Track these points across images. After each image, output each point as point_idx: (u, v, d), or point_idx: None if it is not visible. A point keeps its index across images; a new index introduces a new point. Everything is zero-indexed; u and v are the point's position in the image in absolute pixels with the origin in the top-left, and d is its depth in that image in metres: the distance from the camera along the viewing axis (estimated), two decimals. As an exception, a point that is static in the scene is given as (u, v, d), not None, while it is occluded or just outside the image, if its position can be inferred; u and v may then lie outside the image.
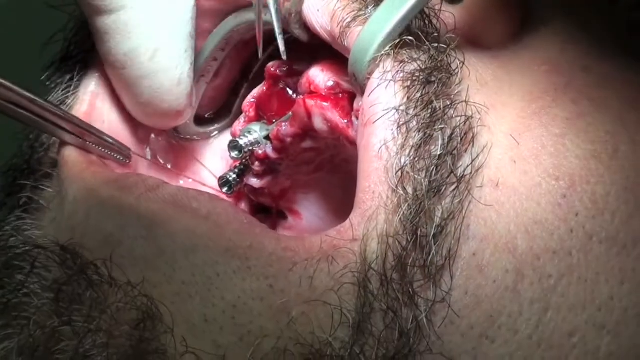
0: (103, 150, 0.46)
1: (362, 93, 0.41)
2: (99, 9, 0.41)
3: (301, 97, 0.47)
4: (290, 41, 0.50)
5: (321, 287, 0.37)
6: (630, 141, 0.41)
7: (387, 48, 0.41)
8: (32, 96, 0.41)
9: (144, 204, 0.41)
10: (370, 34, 0.41)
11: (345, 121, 0.45)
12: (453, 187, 0.38)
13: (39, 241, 0.42)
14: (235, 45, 0.51)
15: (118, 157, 0.47)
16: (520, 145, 0.40)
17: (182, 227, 0.39)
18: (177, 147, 0.54)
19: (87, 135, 0.45)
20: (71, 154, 0.44)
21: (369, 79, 0.41)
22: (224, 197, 0.51)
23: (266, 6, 0.46)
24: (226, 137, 0.54)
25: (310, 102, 0.46)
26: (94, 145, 0.45)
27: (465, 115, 0.39)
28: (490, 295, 0.37)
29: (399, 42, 0.40)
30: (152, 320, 0.37)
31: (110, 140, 0.46)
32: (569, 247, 0.39)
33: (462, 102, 0.40)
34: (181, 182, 0.53)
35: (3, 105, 0.40)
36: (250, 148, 0.49)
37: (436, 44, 0.41)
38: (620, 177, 0.40)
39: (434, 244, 0.37)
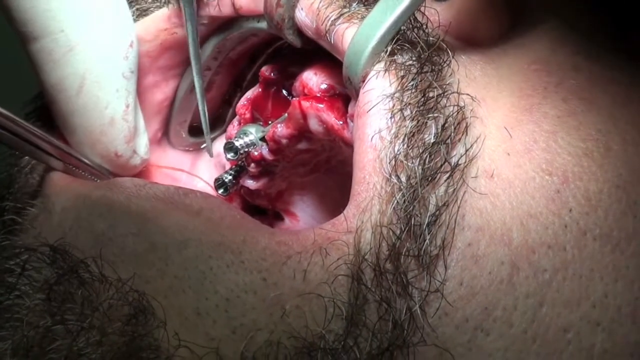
0: (84, 173, 0.45)
1: (357, 96, 0.42)
2: (27, 35, 0.40)
3: (296, 98, 0.47)
4: (284, 45, 0.51)
5: (315, 280, 0.37)
6: (621, 140, 0.41)
7: (381, 51, 0.41)
8: (17, 119, 0.40)
9: (135, 200, 0.41)
10: (363, 37, 0.41)
11: (341, 122, 0.45)
12: (447, 175, 0.38)
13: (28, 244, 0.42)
14: (227, 55, 0.51)
15: (94, 178, 0.46)
16: (513, 139, 0.40)
17: (174, 222, 0.40)
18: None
19: (67, 157, 0.44)
20: (57, 171, 0.44)
21: (363, 81, 0.41)
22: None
23: (261, 15, 0.46)
24: (220, 145, 0.54)
25: (305, 104, 0.46)
26: (74, 169, 0.44)
27: (458, 105, 0.39)
28: (485, 287, 0.37)
29: (391, 41, 0.41)
30: (144, 315, 0.37)
31: (89, 163, 0.45)
32: (564, 242, 0.38)
33: (454, 92, 0.40)
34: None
35: None
36: (246, 150, 0.49)
37: (426, 38, 0.41)
38: (613, 175, 0.40)
39: (428, 233, 0.37)
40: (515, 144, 0.40)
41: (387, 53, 0.40)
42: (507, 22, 0.44)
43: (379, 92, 0.40)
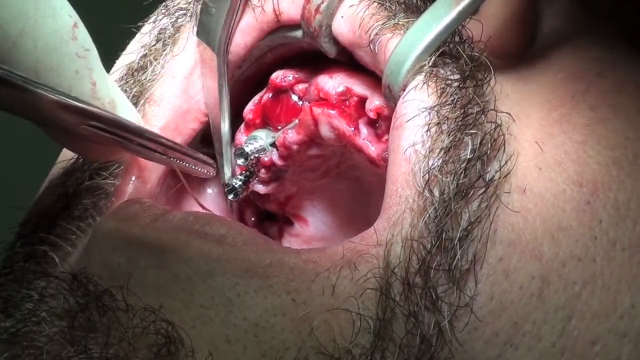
0: (187, 165, 0.46)
1: (396, 104, 0.41)
2: None
3: (308, 104, 0.47)
4: (294, 51, 0.50)
5: (343, 294, 0.37)
6: None
7: (424, 61, 0.40)
8: (119, 119, 0.41)
9: (153, 233, 0.40)
10: (407, 46, 0.40)
11: (352, 129, 0.45)
12: (481, 191, 0.38)
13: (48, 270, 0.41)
14: (252, 64, 0.51)
15: (203, 170, 0.47)
16: (545, 153, 0.40)
17: (197, 252, 0.39)
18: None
19: (171, 152, 0.44)
20: None
21: (404, 90, 0.41)
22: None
23: (297, 24, 0.46)
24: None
25: (317, 110, 0.46)
26: (178, 162, 0.45)
27: (496, 123, 0.39)
28: (515, 302, 0.37)
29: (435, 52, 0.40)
30: (174, 344, 0.36)
31: (194, 155, 0.46)
32: (593, 254, 0.38)
33: (491, 110, 0.40)
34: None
35: (90, 131, 0.40)
36: (256, 155, 0.49)
37: (469, 53, 0.41)
38: None
39: (459, 248, 0.37)
40: (546, 158, 0.40)
41: (430, 64, 0.40)
42: (532, 33, 0.44)
43: (417, 105, 0.39)
